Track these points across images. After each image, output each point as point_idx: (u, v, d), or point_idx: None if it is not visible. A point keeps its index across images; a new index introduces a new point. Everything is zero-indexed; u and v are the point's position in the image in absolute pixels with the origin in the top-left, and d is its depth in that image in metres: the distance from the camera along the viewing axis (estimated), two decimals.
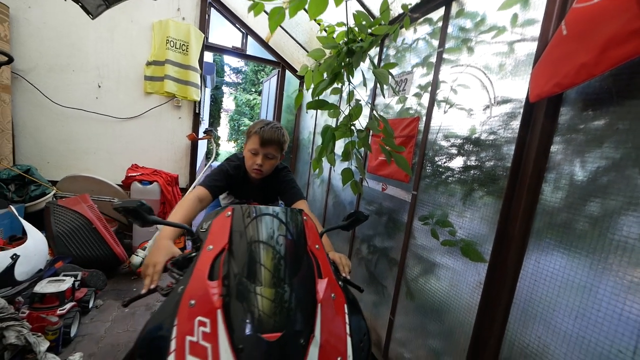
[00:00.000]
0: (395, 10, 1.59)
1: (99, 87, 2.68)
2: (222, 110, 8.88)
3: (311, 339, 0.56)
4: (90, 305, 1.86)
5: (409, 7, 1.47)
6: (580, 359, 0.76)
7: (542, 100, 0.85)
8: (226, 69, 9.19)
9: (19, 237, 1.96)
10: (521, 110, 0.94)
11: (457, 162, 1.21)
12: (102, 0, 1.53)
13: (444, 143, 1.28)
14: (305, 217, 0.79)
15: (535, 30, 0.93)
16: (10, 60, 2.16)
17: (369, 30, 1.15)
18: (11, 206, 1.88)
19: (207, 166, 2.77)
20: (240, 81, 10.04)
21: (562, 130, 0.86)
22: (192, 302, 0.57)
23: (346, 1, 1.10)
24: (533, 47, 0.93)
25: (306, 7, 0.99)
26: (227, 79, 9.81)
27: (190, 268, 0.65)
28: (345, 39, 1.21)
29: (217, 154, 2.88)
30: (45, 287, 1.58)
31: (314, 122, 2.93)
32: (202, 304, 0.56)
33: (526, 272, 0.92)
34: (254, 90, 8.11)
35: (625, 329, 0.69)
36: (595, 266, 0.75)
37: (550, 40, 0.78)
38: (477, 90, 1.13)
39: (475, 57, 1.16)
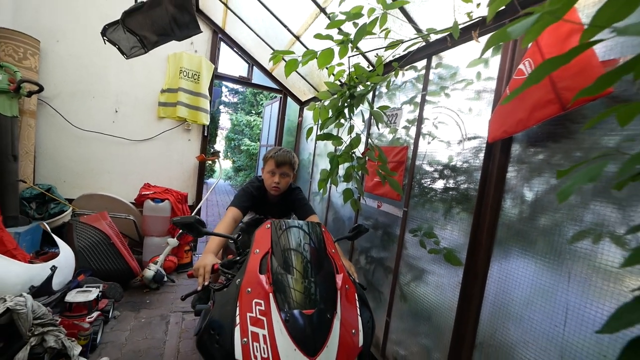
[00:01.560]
0: (388, 56, 1.91)
1: (116, 112, 2.91)
2: (218, 128, 9.18)
3: (334, 315, 0.79)
4: (110, 315, 2.00)
5: (399, 56, 1.80)
6: (534, 340, 1.00)
7: (500, 140, 1.13)
8: (224, 89, 9.59)
9: (44, 252, 2.12)
10: (484, 145, 1.23)
11: (439, 184, 1.48)
12: (141, 45, 1.79)
13: (428, 168, 1.55)
14: (323, 229, 1.03)
15: (492, 85, 1.24)
16: (41, 89, 2.40)
17: (367, 80, 1.44)
18: (44, 223, 2.05)
19: (213, 185, 2.97)
20: (237, 101, 10.40)
21: (514, 162, 1.14)
22: (249, 289, 0.80)
23: (349, 57, 1.41)
24: (491, 97, 1.23)
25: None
26: (224, 98, 10.18)
27: (243, 267, 0.88)
28: (348, 85, 1.50)
29: (214, 171, 3.10)
30: (75, 296, 1.74)
31: (313, 144, 3.21)
32: (257, 290, 0.79)
33: (492, 273, 1.17)
34: (253, 111, 8.46)
35: (570, 317, 0.94)
36: (544, 267, 1.00)
37: (499, 100, 1.07)
38: (453, 127, 1.42)
39: (451, 100, 1.46)
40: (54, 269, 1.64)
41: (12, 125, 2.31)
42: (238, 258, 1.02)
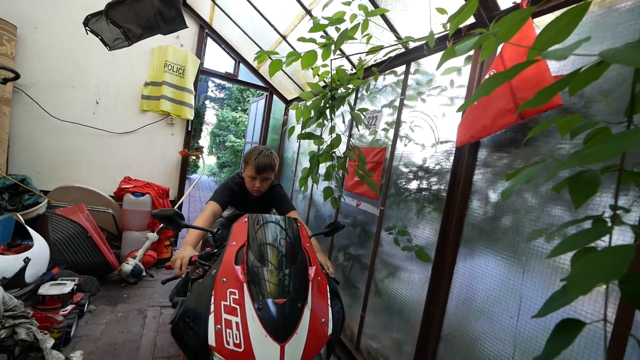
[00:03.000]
0: (370, 61, 1.98)
1: (97, 103, 2.85)
2: (203, 124, 9.04)
3: (305, 304, 0.83)
4: (85, 309, 1.97)
5: (380, 60, 1.87)
6: (492, 331, 1.08)
7: (466, 144, 1.21)
8: (210, 84, 9.45)
9: (16, 244, 2.06)
10: (454, 149, 1.31)
11: (414, 185, 1.55)
12: (125, 37, 1.78)
13: (404, 169, 1.63)
14: (299, 224, 1.08)
15: (464, 93, 1.32)
16: (17, 76, 2.32)
17: (348, 83, 1.50)
18: (18, 214, 1.99)
19: (197, 180, 2.96)
20: (224, 97, 10.27)
21: (480, 165, 1.23)
22: (224, 279, 0.83)
23: (331, 60, 1.46)
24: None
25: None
26: (210, 93, 10.02)
27: (220, 258, 0.91)
28: (329, 86, 1.55)
29: (196, 167, 3.09)
30: (48, 289, 1.71)
31: (297, 143, 3.25)
32: (232, 280, 0.83)
33: (458, 269, 1.25)
34: (239, 108, 8.39)
35: (523, 308, 1.03)
36: (503, 263, 1.09)
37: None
38: (427, 131, 1.50)
39: (427, 105, 1.53)
40: (27, 260, 1.60)
41: None
42: (215, 251, 1.05)
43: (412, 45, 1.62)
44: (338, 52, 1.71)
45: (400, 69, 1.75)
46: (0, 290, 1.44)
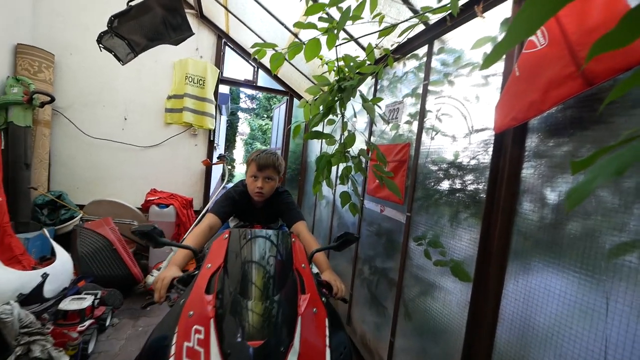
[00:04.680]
0: (388, 46, 1.75)
1: (125, 119, 2.97)
2: (237, 134, 9.35)
3: (290, 348, 0.64)
4: (107, 323, 1.98)
5: (398, 44, 1.63)
6: None
7: (508, 129, 0.94)
8: (242, 95, 9.78)
9: (48, 258, 2.15)
10: (493, 138, 1.03)
11: (444, 185, 1.28)
12: (130, 49, 1.77)
13: (432, 167, 1.36)
14: (293, 239, 0.89)
15: (502, 67, 1.04)
16: (52, 100, 2.48)
17: (357, 70, 1.29)
18: (44, 229, 2.08)
19: (222, 187, 2.94)
20: (255, 107, 10.57)
21: (530, 156, 0.93)
22: (191, 312, 0.67)
23: (336, 46, 1.27)
24: (500, 82, 1.03)
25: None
26: (242, 105, 10.38)
27: (191, 284, 0.76)
28: (337, 78, 1.36)
29: (232, 176, 3.06)
30: (68, 304, 1.72)
31: (319, 145, 3.08)
32: (199, 314, 0.66)
33: (508, 291, 0.96)
34: (266, 115, 8.53)
35: (611, 350, 0.72)
36: (575, 286, 0.79)
37: (508, 80, 0.88)
38: (458, 119, 1.23)
39: (455, 89, 1.27)
40: (45, 276, 1.63)
41: (25, 135, 2.41)
42: (197, 272, 0.90)
43: (432, 20, 1.37)
44: (345, 37, 1.51)
45: (422, 50, 1.50)
46: (16, 306, 1.46)
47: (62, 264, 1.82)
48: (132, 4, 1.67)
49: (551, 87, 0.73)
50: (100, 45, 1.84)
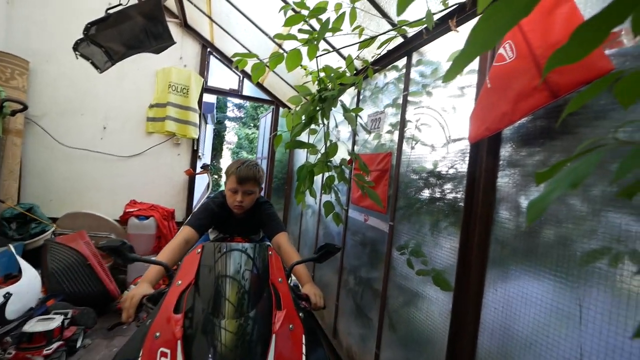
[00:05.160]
0: (369, 57, 1.78)
1: (105, 128, 2.88)
2: (224, 143, 9.25)
3: None
4: (78, 344, 1.85)
5: (377, 56, 1.67)
6: None
7: (483, 139, 0.96)
8: (229, 104, 9.73)
9: (15, 275, 2.02)
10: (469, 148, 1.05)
11: (425, 194, 1.29)
12: (107, 57, 1.73)
13: (413, 176, 1.38)
14: (270, 252, 0.86)
15: (475, 80, 1.07)
16: (25, 108, 2.38)
17: (338, 81, 1.30)
18: (10, 245, 1.96)
19: (206, 196, 2.87)
20: (243, 116, 10.53)
21: (504, 165, 0.95)
22: (157, 334, 0.63)
23: (317, 57, 1.28)
24: (475, 93, 1.06)
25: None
26: (230, 113, 10.32)
27: (160, 302, 0.72)
28: (318, 88, 1.36)
29: (218, 186, 2.99)
30: (34, 326, 1.60)
31: (305, 155, 3.07)
32: (166, 335, 0.63)
33: (487, 299, 0.96)
34: (253, 124, 8.51)
35: (586, 354, 0.73)
36: (552, 294, 0.80)
37: (480, 91, 0.90)
38: (436, 129, 1.25)
39: (433, 100, 1.29)
40: (7, 296, 1.52)
41: None
42: (167, 289, 0.86)
43: (411, 33, 1.41)
44: (326, 48, 1.53)
45: (402, 62, 1.54)
46: None
47: (29, 282, 1.71)
48: (110, 11, 1.64)
49: (520, 99, 0.75)
50: (77, 52, 1.79)
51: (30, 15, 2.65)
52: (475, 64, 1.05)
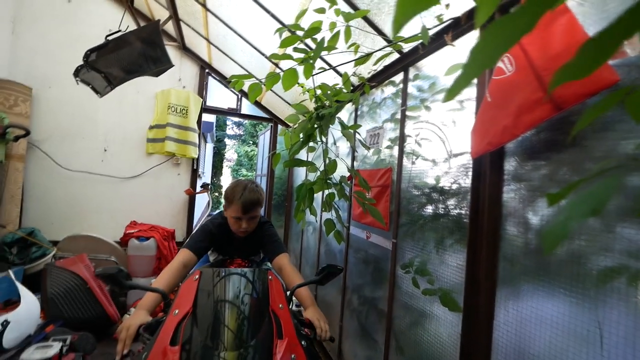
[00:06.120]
0: (365, 74, 1.79)
1: (105, 150, 2.90)
2: (224, 160, 9.31)
3: None
4: None
5: (375, 71, 1.67)
6: None
7: (485, 154, 0.93)
8: (228, 122, 9.86)
9: (15, 301, 1.97)
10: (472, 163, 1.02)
11: (428, 210, 1.26)
12: (107, 82, 1.76)
13: (415, 192, 1.35)
14: (270, 277, 0.83)
15: (475, 93, 1.06)
16: (28, 133, 2.41)
17: (335, 98, 1.30)
18: (9, 270, 1.93)
19: (206, 214, 2.85)
20: (242, 133, 10.66)
21: (509, 180, 0.93)
22: None
23: (313, 76, 1.28)
24: (475, 106, 1.05)
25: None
26: (229, 131, 10.44)
27: (156, 333, 0.68)
28: (315, 106, 1.36)
29: (219, 203, 2.98)
30: (32, 354, 1.55)
31: (305, 172, 3.06)
32: None
33: (499, 321, 0.91)
34: (252, 142, 8.59)
35: None
36: (567, 310, 0.75)
37: (480, 105, 0.89)
38: (437, 144, 1.23)
39: (432, 114, 1.28)
40: (5, 324, 1.48)
41: None
42: (164, 318, 0.82)
43: (406, 48, 1.41)
44: (322, 67, 1.54)
45: (399, 77, 1.54)
46: None
47: (27, 309, 1.67)
48: (110, 38, 1.67)
49: (522, 112, 0.73)
50: (77, 78, 1.82)
51: (33, 44, 2.72)
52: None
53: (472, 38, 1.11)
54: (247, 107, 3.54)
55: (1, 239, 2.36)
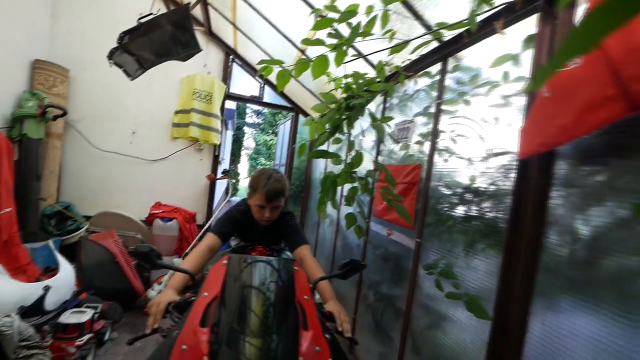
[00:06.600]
0: (398, 62, 1.70)
1: (133, 133, 3.00)
2: (242, 148, 9.46)
3: None
4: (106, 337, 1.91)
5: (410, 61, 1.58)
6: None
7: (534, 153, 0.85)
8: (248, 111, 9.94)
9: (53, 268, 2.12)
10: (515, 163, 0.94)
11: (459, 211, 1.19)
12: (139, 65, 1.78)
13: (445, 191, 1.28)
14: (296, 268, 0.81)
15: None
16: (65, 113, 2.52)
17: (366, 88, 1.24)
18: (49, 241, 2.07)
19: (226, 201, 2.90)
20: (261, 122, 10.72)
21: (559, 185, 0.84)
22: (184, 347, 0.61)
23: (345, 63, 1.22)
24: (524, 102, 0.96)
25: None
26: (248, 119, 10.53)
27: (186, 314, 0.70)
28: (345, 95, 1.30)
29: (236, 190, 3.03)
30: (68, 317, 1.67)
31: (324, 162, 3.02)
32: (192, 349, 0.60)
33: (532, 335, 0.85)
34: (271, 131, 8.62)
35: None
36: (616, 331, 0.68)
37: (535, 100, 0.80)
38: (475, 141, 1.15)
39: (472, 109, 1.19)
40: (46, 288, 1.59)
41: (37, 147, 2.44)
42: (194, 298, 0.84)
43: (447, 37, 1.31)
44: (354, 54, 1.47)
45: (436, 67, 1.44)
46: (17, 319, 1.42)
47: (65, 277, 1.79)
48: (142, 20, 1.68)
49: (586, 110, 0.65)
50: (111, 61, 1.86)
51: (70, 27, 2.81)
52: (526, 70, 0.95)
53: (526, 26, 1.00)
54: (268, 96, 3.52)
55: (42, 211, 2.53)
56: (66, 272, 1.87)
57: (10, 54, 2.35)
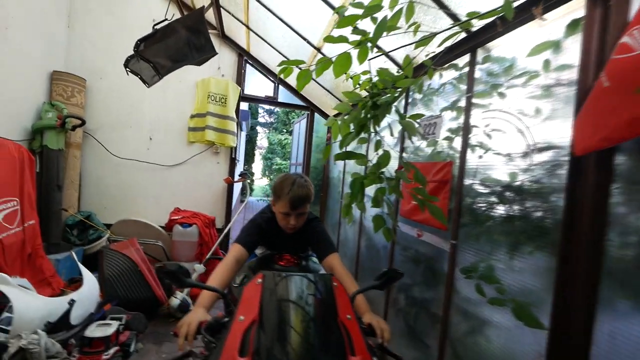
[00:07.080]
0: (421, 56, 1.63)
1: (150, 139, 3.02)
2: (256, 148, 9.48)
3: None
4: (132, 348, 1.90)
5: (434, 54, 1.51)
6: None
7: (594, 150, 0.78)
8: (260, 110, 9.95)
9: (77, 279, 2.15)
10: (566, 159, 0.87)
11: (499, 211, 1.12)
12: (155, 72, 1.77)
13: (482, 189, 1.20)
14: (335, 284, 0.77)
15: (571, 75, 0.89)
16: (83, 123, 2.54)
17: (393, 84, 1.18)
18: (72, 252, 2.09)
19: (243, 205, 2.89)
20: (273, 121, 10.72)
21: (621, 181, 0.77)
22: None
23: (369, 59, 1.16)
24: (571, 92, 0.88)
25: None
26: (260, 119, 10.55)
27: (222, 340, 0.65)
28: (370, 93, 1.25)
29: (252, 190, 3.01)
30: (93, 331, 1.66)
31: (343, 161, 2.96)
32: None
33: (600, 349, 0.78)
34: (285, 130, 8.59)
35: None
36: None
37: (591, 91, 0.73)
38: (514, 136, 1.07)
39: (508, 101, 1.12)
40: (72, 302, 1.59)
41: (58, 157, 2.48)
42: (227, 320, 0.80)
43: (476, 27, 1.24)
44: (377, 50, 1.41)
45: (464, 59, 1.37)
46: (43, 336, 1.42)
47: (89, 289, 1.80)
48: (157, 27, 1.66)
49: None
50: (127, 69, 1.85)
51: (85, 36, 2.84)
52: (573, 58, 0.87)
53: (568, 9, 0.92)
54: (283, 95, 3.49)
55: (64, 221, 2.57)
56: (90, 284, 1.88)
57: (31, 66, 2.39)
